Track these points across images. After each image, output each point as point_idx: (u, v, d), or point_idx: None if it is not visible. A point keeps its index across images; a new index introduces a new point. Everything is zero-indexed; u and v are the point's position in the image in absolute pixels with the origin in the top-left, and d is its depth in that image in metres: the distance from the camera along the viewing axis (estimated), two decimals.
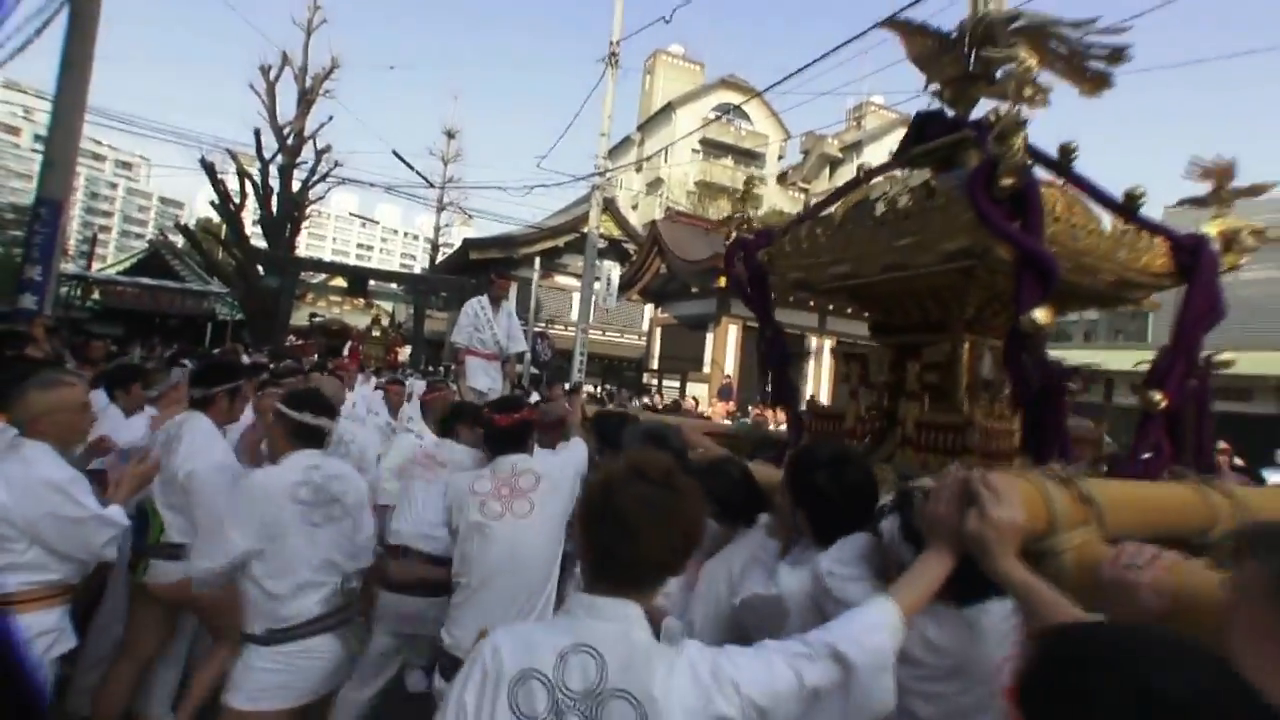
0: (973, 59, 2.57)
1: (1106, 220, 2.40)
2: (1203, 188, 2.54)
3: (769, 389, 3.69)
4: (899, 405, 2.65)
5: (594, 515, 1.27)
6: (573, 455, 3.05)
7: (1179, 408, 2.34)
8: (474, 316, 6.75)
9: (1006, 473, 1.48)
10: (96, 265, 32.42)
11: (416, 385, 10.79)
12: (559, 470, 2.86)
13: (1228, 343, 3.02)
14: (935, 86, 2.86)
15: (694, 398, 14.19)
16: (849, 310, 3.86)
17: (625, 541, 1.22)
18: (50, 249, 9.56)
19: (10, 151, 65.03)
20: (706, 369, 16.66)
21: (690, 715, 1.12)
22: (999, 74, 2.62)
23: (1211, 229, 2.46)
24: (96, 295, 24.93)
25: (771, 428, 5.98)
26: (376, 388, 7.68)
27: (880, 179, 2.97)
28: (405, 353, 20.42)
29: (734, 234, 3.43)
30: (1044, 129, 2.15)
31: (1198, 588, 1.11)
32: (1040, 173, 2.21)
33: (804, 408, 3.77)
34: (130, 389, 4.21)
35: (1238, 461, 6.26)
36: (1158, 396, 2.26)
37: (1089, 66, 2.16)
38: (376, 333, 18.35)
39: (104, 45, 10.24)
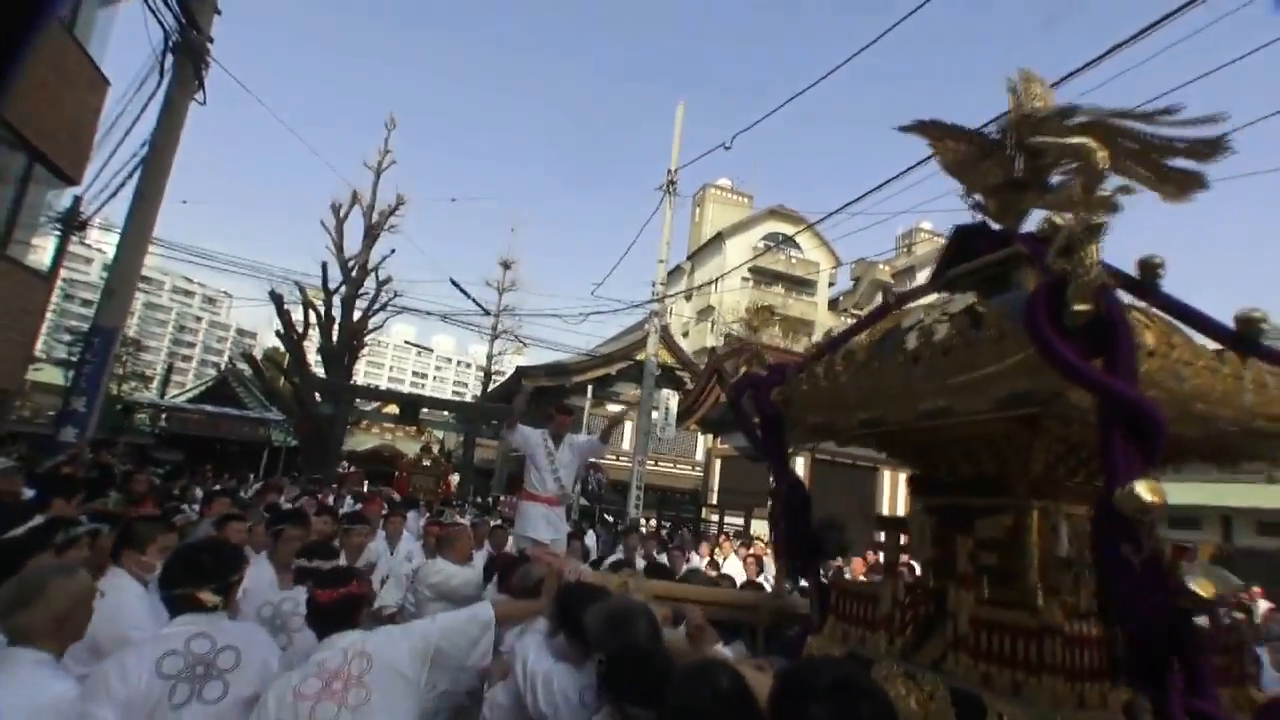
0: (1019, 162, 2.17)
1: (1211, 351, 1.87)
2: None
3: (787, 556, 3.14)
4: (948, 591, 2.05)
5: None
6: (417, 629, 2.38)
7: None
8: (528, 443, 5.79)
9: None
10: (173, 392, 34.01)
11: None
12: (400, 646, 2.27)
13: None
14: (976, 197, 2.46)
15: (758, 537, 13.17)
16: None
17: None
18: (98, 379, 9.53)
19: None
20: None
21: None
22: (1054, 179, 2.21)
23: None
24: (164, 421, 25.92)
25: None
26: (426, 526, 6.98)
27: (915, 305, 2.54)
28: (454, 481, 20.11)
29: (742, 368, 3.00)
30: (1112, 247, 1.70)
31: None
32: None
33: (828, 578, 3.18)
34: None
35: None
36: None
37: (1172, 164, 1.71)
38: (427, 462, 17.38)
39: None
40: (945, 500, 2.39)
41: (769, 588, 5.34)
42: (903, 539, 2.58)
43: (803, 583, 3.25)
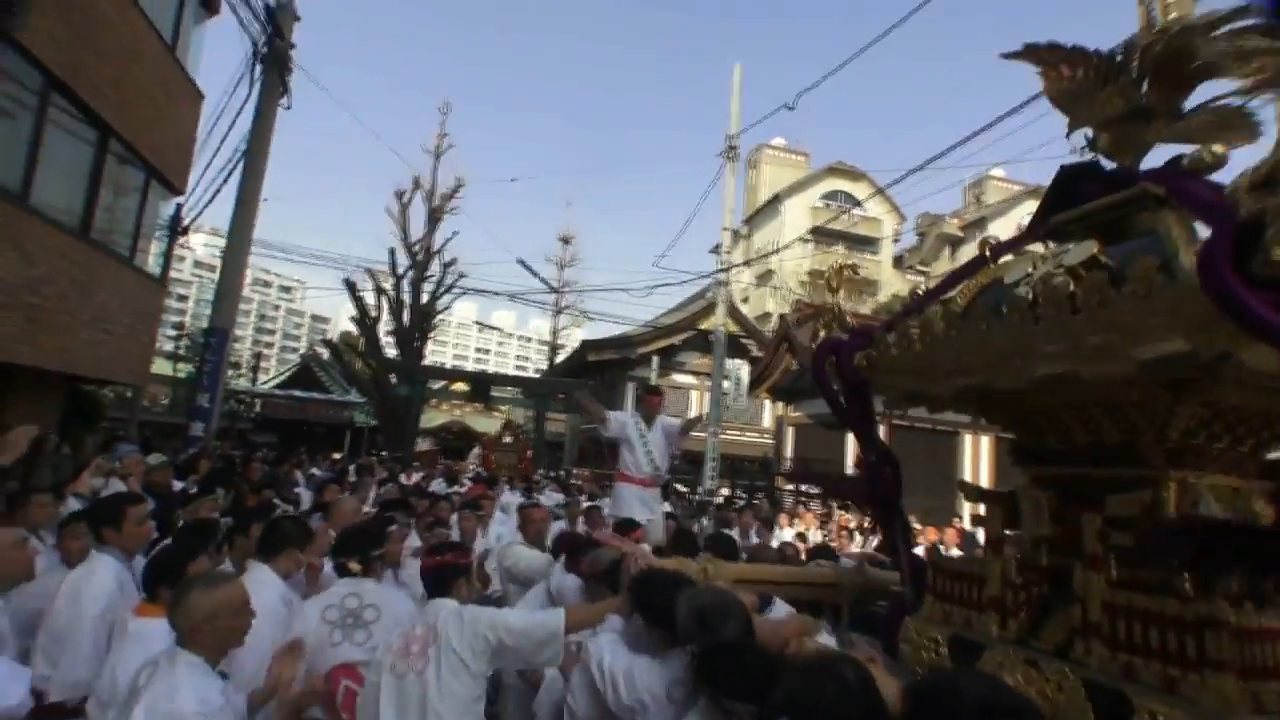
0: (1146, 88, 1.97)
1: None
2: None
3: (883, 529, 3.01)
4: (1073, 571, 1.90)
5: None
6: (486, 622, 2.39)
7: None
8: (623, 429, 5.84)
9: None
10: (261, 378, 35.85)
11: (552, 497, 10.31)
12: (466, 634, 2.35)
13: None
14: (1087, 132, 2.26)
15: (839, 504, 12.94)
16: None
17: None
18: (217, 376, 10.52)
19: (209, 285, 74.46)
20: (849, 470, 15.40)
21: None
22: (1189, 107, 2.00)
23: None
24: (258, 407, 27.46)
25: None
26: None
27: (1015, 256, 2.35)
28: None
29: (821, 331, 2.82)
30: None
31: None
32: None
33: (923, 554, 3.03)
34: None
35: None
36: None
37: None
38: (508, 439, 17.15)
39: (271, 186, 11.54)
40: (1061, 471, 2.21)
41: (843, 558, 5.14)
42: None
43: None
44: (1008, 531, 2.31)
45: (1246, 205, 1.27)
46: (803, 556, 4.58)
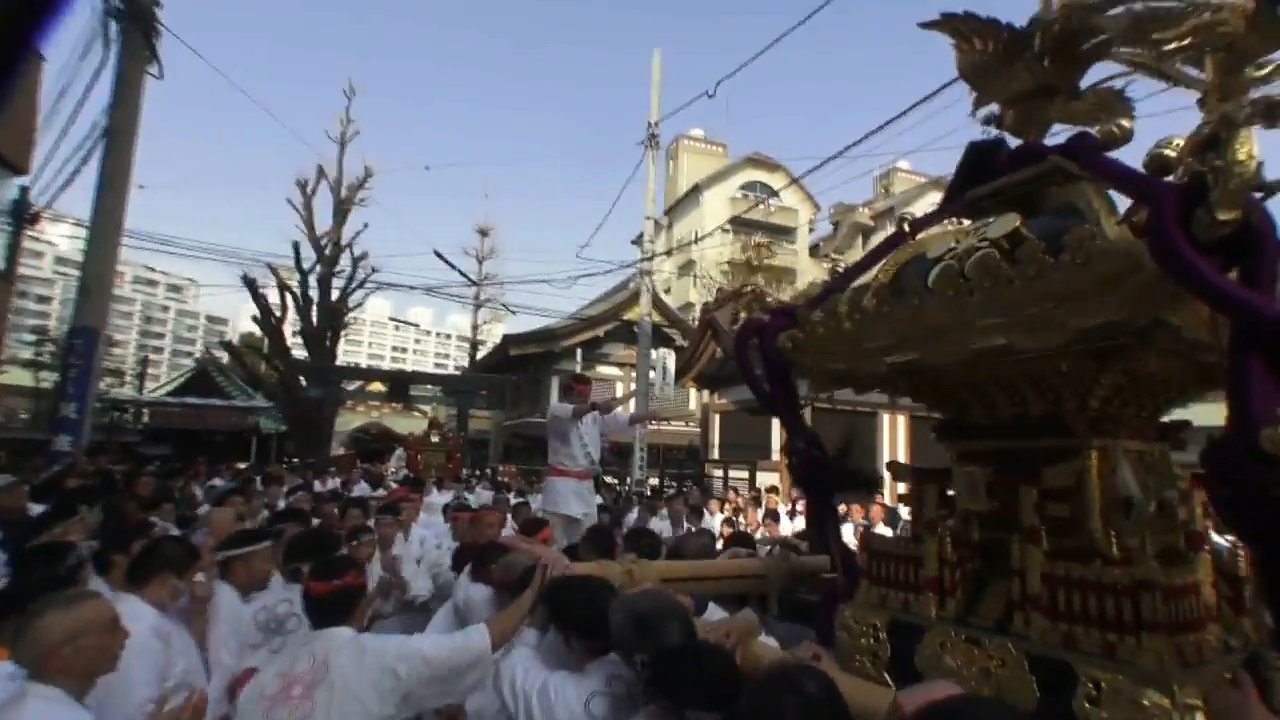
0: (1048, 64, 1.99)
1: None
2: None
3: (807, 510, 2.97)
4: (1010, 546, 1.89)
5: None
6: (392, 658, 2.05)
7: None
8: (561, 423, 5.61)
9: None
10: (150, 386, 33.41)
11: (483, 495, 9.99)
12: (365, 674, 1.99)
13: None
14: (990, 109, 2.28)
15: (767, 488, 13.14)
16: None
17: None
18: (85, 383, 9.10)
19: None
20: (775, 456, 15.61)
21: None
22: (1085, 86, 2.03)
23: None
24: (146, 417, 25.53)
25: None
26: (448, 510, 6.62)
27: (935, 232, 2.34)
28: None
29: (742, 313, 2.74)
30: None
31: None
32: None
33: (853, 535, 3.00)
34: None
35: None
36: None
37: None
38: (435, 438, 16.36)
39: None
40: (991, 446, 2.21)
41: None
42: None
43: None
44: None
45: (1190, 168, 1.25)
46: (719, 545, 4.42)
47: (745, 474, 16.30)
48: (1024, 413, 2.07)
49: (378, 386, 22.19)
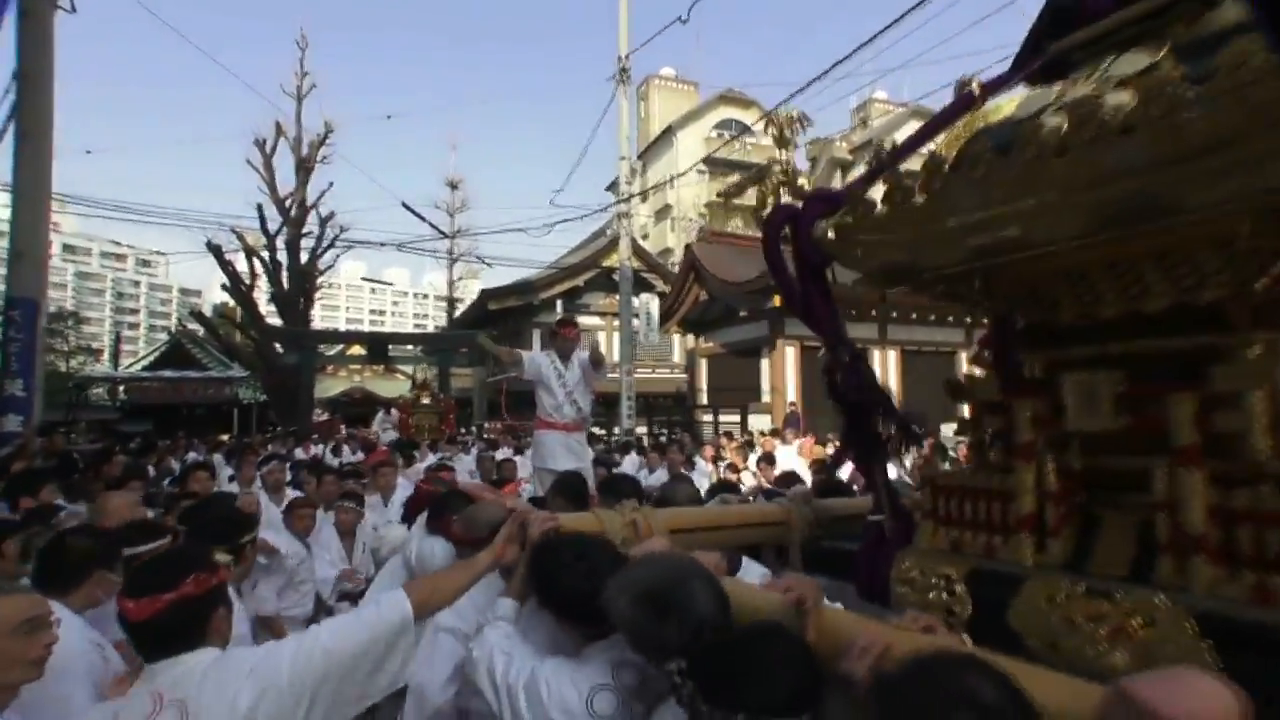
0: None
1: None
2: None
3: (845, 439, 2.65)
4: (1153, 474, 1.55)
5: None
6: (285, 662, 1.49)
7: None
8: (539, 371, 5.27)
9: None
10: (126, 362, 32.50)
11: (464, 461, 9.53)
12: (241, 699, 1.42)
13: None
14: None
15: (761, 431, 12.92)
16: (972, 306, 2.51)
17: None
18: (30, 357, 8.41)
19: None
20: (766, 398, 15.39)
21: None
22: None
23: None
24: (123, 393, 24.85)
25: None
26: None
27: (1035, 92, 1.94)
28: None
29: (769, 198, 2.30)
30: None
31: None
32: None
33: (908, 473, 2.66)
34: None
35: None
36: None
37: None
38: (426, 400, 15.35)
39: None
40: (1107, 350, 1.81)
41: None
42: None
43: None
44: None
45: None
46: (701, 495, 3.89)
47: (736, 417, 16.13)
48: (1143, 307, 1.73)
49: (357, 350, 21.57)
